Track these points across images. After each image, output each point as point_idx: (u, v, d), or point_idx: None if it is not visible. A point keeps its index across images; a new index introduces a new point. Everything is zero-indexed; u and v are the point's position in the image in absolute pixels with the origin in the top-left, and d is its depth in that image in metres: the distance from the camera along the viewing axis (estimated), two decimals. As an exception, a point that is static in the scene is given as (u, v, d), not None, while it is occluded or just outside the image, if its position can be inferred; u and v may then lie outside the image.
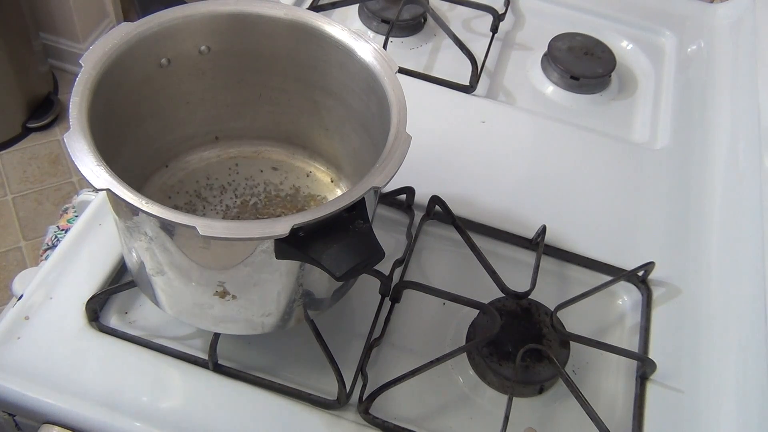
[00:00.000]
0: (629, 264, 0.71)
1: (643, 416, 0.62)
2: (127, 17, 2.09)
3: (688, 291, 0.71)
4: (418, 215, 0.73)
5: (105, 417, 0.57)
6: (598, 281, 0.69)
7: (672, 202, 0.79)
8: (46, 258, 0.68)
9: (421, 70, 0.88)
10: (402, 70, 0.68)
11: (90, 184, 0.46)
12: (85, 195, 0.91)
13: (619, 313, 0.71)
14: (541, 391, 0.63)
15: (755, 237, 0.70)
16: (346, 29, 0.60)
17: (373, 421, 0.59)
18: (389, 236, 0.72)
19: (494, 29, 0.94)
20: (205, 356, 0.60)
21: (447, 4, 0.97)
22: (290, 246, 0.47)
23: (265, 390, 0.60)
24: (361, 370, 0.61)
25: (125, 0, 2.07)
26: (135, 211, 0.47)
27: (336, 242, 0.47)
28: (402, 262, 0.68)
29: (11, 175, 1.84)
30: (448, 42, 0.90)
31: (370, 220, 0.51)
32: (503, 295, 0.66)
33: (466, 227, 0.70)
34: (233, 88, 0.66)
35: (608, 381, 0.65)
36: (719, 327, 0.68)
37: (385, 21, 0.92)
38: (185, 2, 0.62)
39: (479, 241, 0.69)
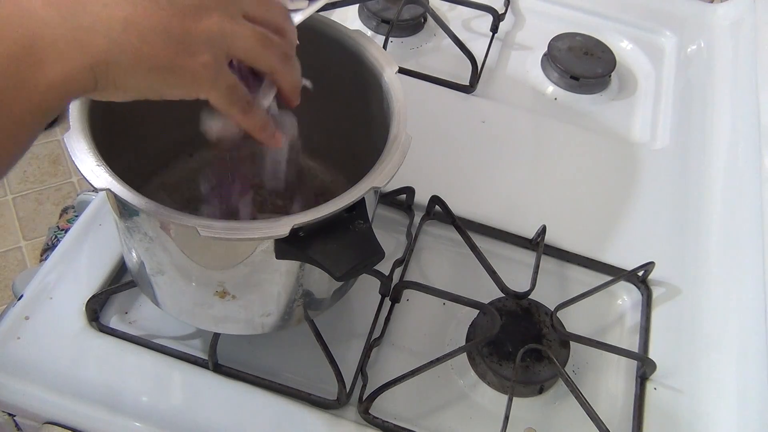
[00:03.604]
0: (629, 264, 0.71)
1: (642, 416, 0.62)
2: (127, 17, 2.08)
3: (688, 291, 0.71)
4: (418, 215, 0.73)
5: (105, 417, 0.57)
6: (598, 281, 0.69)
7: (672, 202, 0.79)
8: (46, 258, 0.68)
9: (421, 70, 0.88)
10: (402, 70, 0.68)
11: (90, 184, 0.46)
12: (85, 195, 0.91)
13: (619, 313, 0.71)
14: (541, 391, 0.63)
15: (755, 237, 0.70)
16: (346, 29, 0.60)
17: (373, 421, 0.59)
18: (389, 236, 0.72)
19: (494, 29, 0.94)
20: (205, 356, 0.60)
21: (447, 4, 0.97)
22: (290, 246, 0.47)
23: (265, 390, 0.60)
24: (361, 370, 0.61)
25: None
26: (135, 211, 0.47)
27: (336, 242, 0.47)
28: (402, 262, 0.68)
29: (11, 175, 1.84)
30: (448, 42, 0.90)
31: (370, 220, 0.51)
32: (503, 295, 0.66)
33: (466, 227, 0.70)
34: (233, 88, 0.66)
35: (608, 381, 0.65)
36: (719, 327, 0.68)
37: (385, 21, 0.92)
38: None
39: (479, 241, 0.69)
